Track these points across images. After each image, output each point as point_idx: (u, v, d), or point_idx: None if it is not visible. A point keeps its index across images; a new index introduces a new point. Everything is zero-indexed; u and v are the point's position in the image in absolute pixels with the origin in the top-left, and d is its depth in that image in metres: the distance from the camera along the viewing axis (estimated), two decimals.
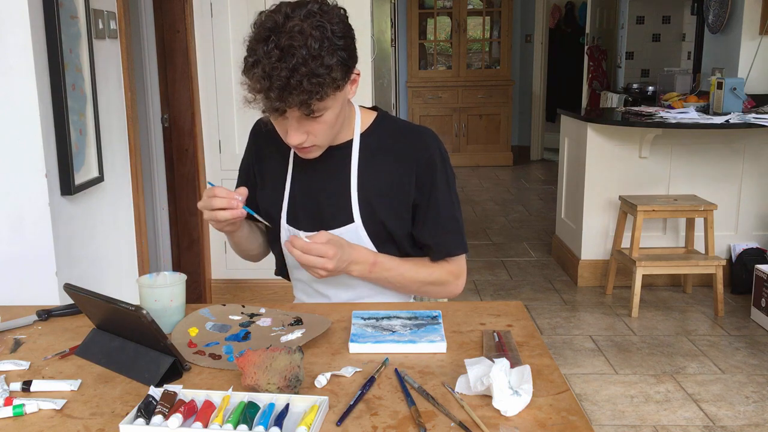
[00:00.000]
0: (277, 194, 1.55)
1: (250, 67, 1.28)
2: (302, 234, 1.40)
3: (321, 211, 1.51)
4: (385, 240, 1.51)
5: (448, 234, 1.53)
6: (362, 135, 1.51)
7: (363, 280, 1.51)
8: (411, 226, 1.53)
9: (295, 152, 1.52)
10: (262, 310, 1.43)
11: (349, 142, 1.50)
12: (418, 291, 1.58)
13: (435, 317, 1.36)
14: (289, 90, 1.24)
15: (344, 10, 1.36)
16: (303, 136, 1.36)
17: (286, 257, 1.59)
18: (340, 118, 1.40)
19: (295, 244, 1.35)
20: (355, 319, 1.34)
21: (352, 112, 1.51)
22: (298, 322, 1.36)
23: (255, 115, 1.39)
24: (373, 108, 1.59)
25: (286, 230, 1.54)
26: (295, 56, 1.24)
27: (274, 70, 1.24)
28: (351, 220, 1.49)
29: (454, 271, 1.56)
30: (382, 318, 1.35)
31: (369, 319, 1.35)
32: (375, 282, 1.52)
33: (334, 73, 1.27)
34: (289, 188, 1.53)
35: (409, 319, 1.35)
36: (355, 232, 1.49)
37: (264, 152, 1.59)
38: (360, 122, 1.51)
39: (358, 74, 1.39)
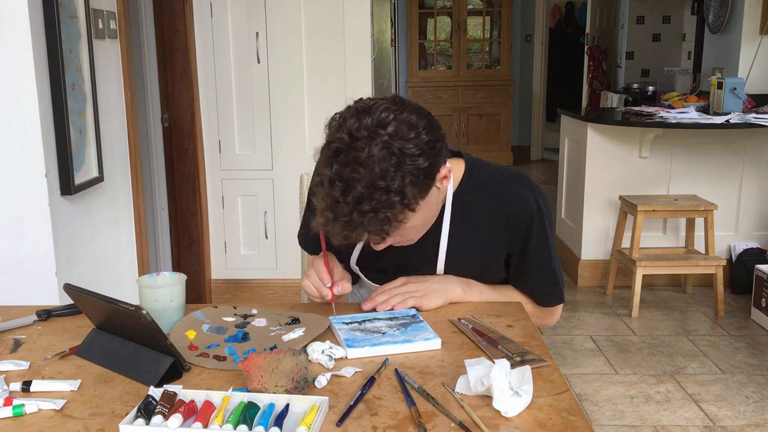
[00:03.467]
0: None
1: (317, 184, 1.21)
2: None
3: (399, 263, 1.47)
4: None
5: (544, 286, 1.52)
6: (454, 194, 1.42)
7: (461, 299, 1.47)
8: (500, 275, 1.51)
9: None
10: (254, 311, 1.43)
11: (442, 208, 1.41)
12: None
13: (414, 315, 1.36)
14: (353, 226, 1.18)
15: (426, 111, 1.23)
16: (387, 243, 1.30)
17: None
18: (432, 214, 1.33)
19: (378, 301, 1.40)
20: (338, 325, 1.33)
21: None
22: (295, 321, 1.36)
23: (255, 118, 1.38)
24: (458, 153, 1.47)
25: (355, 269, 1.52)
26: (358, 189, 1.15)
27: (336, 205, 1.16)
28: (433, 273, 1.47)
29: (548, 310, 1.57)
30: (364, 321, 1.35)
31: (351, 323, 1.34)
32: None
33: (408, 194, 1.17)
34: (359, 249, 1.49)
35: (390, 319, 1.35)
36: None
37: None
38: (452, 182, 1.41)
39: (448, 170, 1.28)
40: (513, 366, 1.08)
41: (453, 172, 1.40)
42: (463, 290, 1.46)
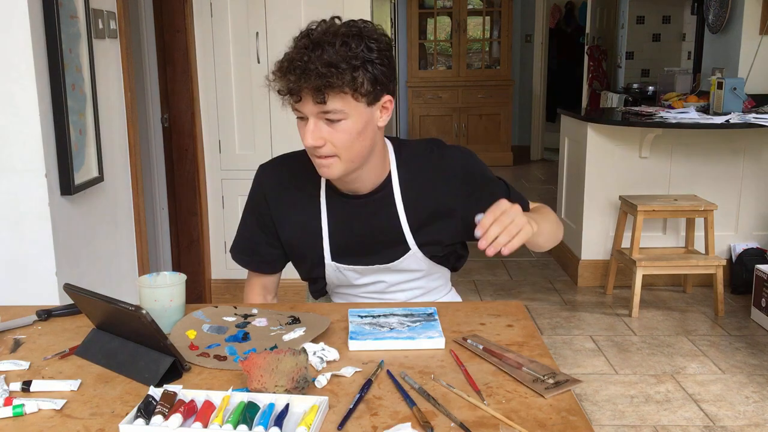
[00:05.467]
0: (313, 239, 1.53)
1: (283, 55, 1.35)
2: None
3: (371, 249, 1.52)
4: (441, 252, 1.56)
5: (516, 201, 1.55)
6: (397, 173, 1.51)
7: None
8: (459, 228, 1.54)
9: (326, 199, 1.51)
10: (255, 311, 1.43)
11: (386, 183, 1.49)
12: (557, 230, 1.58)
13: (431, 314, 1.36)
14: (306, 73, 1.28)
15: (389, 39, 1.40)
16: (319, 140, 1.34)
17: (330, 279, 1.58)
18: (364, 138, 1.37)
19: (490, 232, 1.26)
20: (352, 317, 1.35)
21: (386, 154, 1.50)
22: (295, 321, 1.36)
23: (255, 118, 1.40)
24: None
25: (333, 267, 1.54)
26: (323, 48, 1.30)
27: (298, 54, 1.31)
28: (408, 249, 1.51)
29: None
30: (379, 315, 1.36)
31: (366, 317, 1.35)
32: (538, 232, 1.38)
33: (358, 77, 1.31)
34: (327, 233, 1.52)
35: (406, 316, 1.36)
36: (414, 257, 1.52)
37: (281, 199, 1.56)
38: (391, 159, 1.51)
39: (391, 102, 1.40)
40: (548, 388, 1.08)
41: (386, 152, 1.50)
42: (531, 226, 1.32)
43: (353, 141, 1.36)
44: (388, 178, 1.50)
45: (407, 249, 1.51)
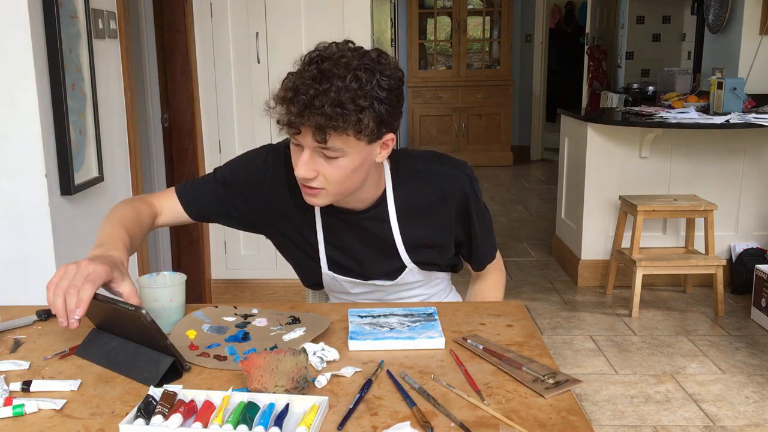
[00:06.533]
0: (308, 247, 1.53)
1: (286, 78, 1.28)
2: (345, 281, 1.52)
3: (367, 263, 1.51)
4: (434, 268, 1.58)
5: (488, 248, 1.63)
6: (393, 190, 1.48)
7: None
8: (451, 251, 1.58)
9: (321, 211, 1.48)
10: (255, 311, 1.43)
11: (381, 201, 1.46)
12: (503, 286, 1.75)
13: (431, 314, 1.36)
14: (310, 109, 1.21)
15: (402, 74, 1.33)
16: (312, 173, 1.30)
17: (327, 285, 1.58)
18: (358, 174, 1.33)
19: None
20: (352, 317, 1.35)
21: (382, 173, 1.45)
22: (295, 321, 1.36)
23: (255, 118, 1.39)
24: None
25: (329, 276, 1.54)
26: (331, 82, 1.22)
27: (303, 86, 1.23)
28: (404, 267, 1.51)
29: (499, 266, 1.72)
30: (379, 315, 1.36)
31: (366, 316, 1.35)
32: None
33: (364, 119, 1.24)
34: (323, 243, 1.51)
35: (406, 316, 1.36)
36: (410, 272, 1.53)
37: (280, 194, 1.50)
38: (387, 178, 1.47)
39: (392, 140, 1.35)
40: (548, 388, 1.08)
41: (381, 173, 1.45)
42: None
43: (347, 177, 1.32)
44: (383, 195, 1.46)
45: (403, 267, 1.51)
